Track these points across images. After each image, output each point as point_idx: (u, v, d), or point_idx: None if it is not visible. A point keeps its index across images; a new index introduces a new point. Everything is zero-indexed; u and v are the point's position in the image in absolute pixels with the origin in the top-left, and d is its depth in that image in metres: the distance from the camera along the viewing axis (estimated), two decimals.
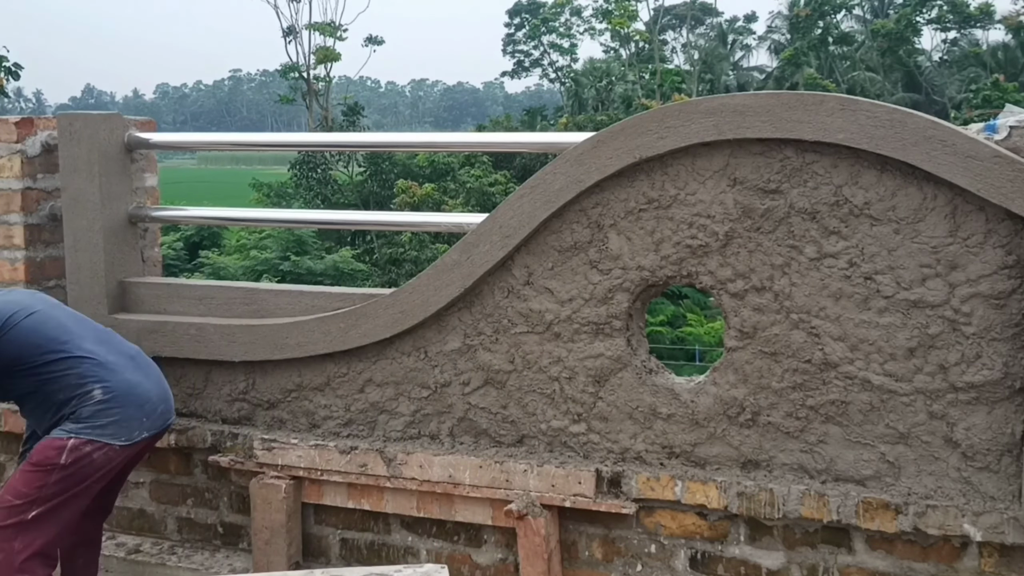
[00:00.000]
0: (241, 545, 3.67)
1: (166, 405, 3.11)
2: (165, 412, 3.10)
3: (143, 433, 3.00)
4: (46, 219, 3.85)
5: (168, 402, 3.13)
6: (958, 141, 2.65)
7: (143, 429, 2.99)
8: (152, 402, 3.03)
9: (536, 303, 3.18)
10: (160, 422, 3.07)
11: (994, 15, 44.08)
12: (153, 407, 3.03)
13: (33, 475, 2.83)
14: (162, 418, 3.08)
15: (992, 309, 2.72)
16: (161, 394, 3.10)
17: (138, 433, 2.98)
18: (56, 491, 2.85)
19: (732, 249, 2.95)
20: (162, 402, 3.09)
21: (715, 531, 3.04)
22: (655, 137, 2.93)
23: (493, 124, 41.60)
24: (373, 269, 21.08)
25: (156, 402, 3.05)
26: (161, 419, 3.07)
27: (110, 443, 2.91)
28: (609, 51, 50.19)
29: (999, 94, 30.57)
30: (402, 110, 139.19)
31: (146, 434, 3.01)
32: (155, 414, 3.04)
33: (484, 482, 3.19)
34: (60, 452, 2.83)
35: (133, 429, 2.96)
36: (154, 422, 3.04)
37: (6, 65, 16.38)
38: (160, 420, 3.07)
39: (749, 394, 2.97)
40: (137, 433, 2.98)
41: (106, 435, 2.90)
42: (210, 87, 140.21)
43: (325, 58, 35.39)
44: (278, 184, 29.67)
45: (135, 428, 2.97)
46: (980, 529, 2.71)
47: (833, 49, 45.72)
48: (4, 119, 3.80)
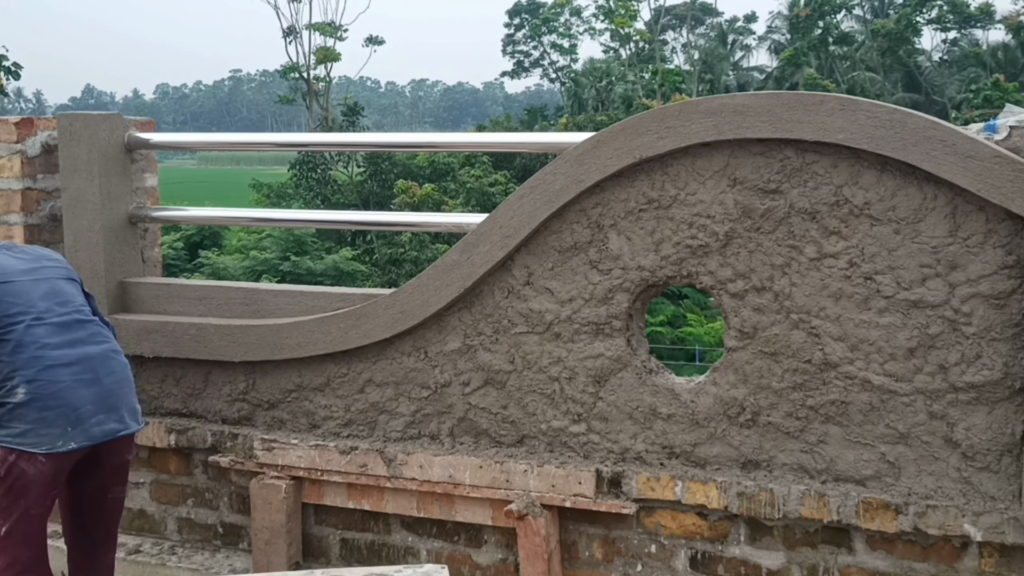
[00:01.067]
0: (241, 545, 3.67)
1: (107, 416, 2.82)
2: (104, 422, 2.80)
3: (68, 444, 2.73)
4: (46, 219, 3.86)
5: (116, 413, 2.85)
6: (958, 141, 2.65)
7: (67, 440, 2.72)
8: (82, 411, 2.76)
9: (536, 303, 3.18)
10: (96, 433, 2.78)
11: (994, 15, 44.09)
12: (82, 416, 2.75)
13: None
14: (98, 429, 2.79)
15: (992, 309, 2.72)
16: (103, 405, 2.81)
17: (62, 444, 2.71)
18: (9, 503, 2.70)
19: (732, 249, 2.94)
20: (102, 412, 2.80)
21: (715, 531, 3.04)
22: (655, 137, 2.93)
23: (493, 124, 41.61)
24: (373, 269, 21.08)
25: (89, 412, 2.77)
26: (97, 430, 2.78)
27: (31, 452, 2.69)
28: (609, 51, 50.19)
29: (1000, 94, 30.57)
30: (402, 110, 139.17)
31: (73, 445, 2.73)
32: (85, 423, 2.76)
33: (484, 482, 3.19)
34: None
35: (56, 439, 2.71)
36: (83, 432, 2.75)
37: (6, 65, 16.39)
38: (94, 432, 2.78)
39: (749, 394, 2.97)
40: (60, 443, 2.71)
41: (26, 444, 2.69)
42: (210, 87, 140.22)
43: (325, 58, 35.39)
44: (278, 184, 29.69)
45: (56, 438, 2.71)
46: (980, 529, 2.71)
47: (833, 49, 45.70)
48: (4, 119, 3.80)
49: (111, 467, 2.96)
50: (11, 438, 2.70)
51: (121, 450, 2.95)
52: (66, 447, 2.74)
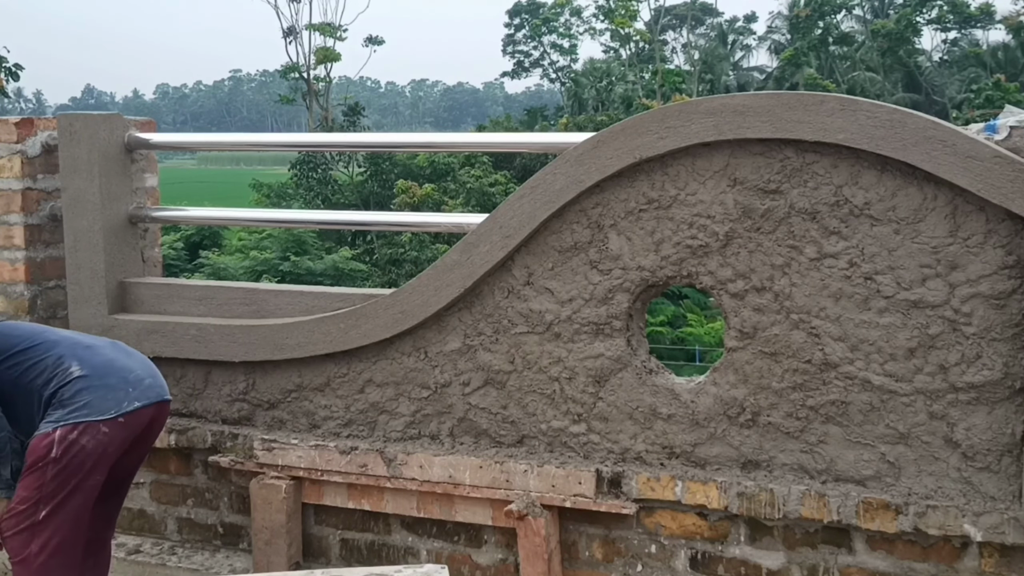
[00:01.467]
0: (241, 545, 3.67)
1: (154, 380, 3.00)
2: (154, 385, 2.98)
3: (133, 404, 2.88)
4: (46, 219, 3.86)
5: (157, 378, 3.02)
6: (958, 141, 2.65)
7: (131, 400, 2.88)
8: (135, 373, 2.94)
9: (536, 303, 3.18)
10: (152, 394, 2.95)
11: (994, 15, 44.12)
12: (138, 378, 2.93)
13: (30, 477, 2.82)
14: (152, 390, 2.96)
15: (992, 309, 2.72)
16: (147, 370, 3.00)
17: (127, 404, 2.87)
18: (57, 486, 2.81)
19: (732, 249, 2.95)
20: (149, 376, 2.98)
21: (715, 531, 3.04)
22: (655, 137, 2.93)
23: (493, 124, 41.62)
24: (373, 269, 21.09)
25: (141, 375, 2.95)
26: (152, 391, 2.96)
27: (97, 420, 2.81)
28: (609, 51, 50.23)
29: (1001, 94, 30.59)
30: (402, 110, 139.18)
31: (137, 404, 2.89)
32: (142, 384, 2.93)
33: (484, 482, 3.19)
34: (49, 447, 2.78)
35: (121, 400, 2.86)
36: (143, 392, 2.92)
37: (6, 66, 16.37)
38: (151, 392, 2.95)
39: (749, 394, 2.97)
40: (126, 404, 2.86)
41: (93, 413, 2.81)
42: (210, 87, 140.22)
43: (325, 58, 35.44)
44: (278, 184, 29.72)
45: (122, 399, 2.86)
46: (980, 529, 2.71)
47: (833, 49, 45.74)
48: (4, 119, 3.80)
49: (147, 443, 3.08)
50: (77, 412, 2.81)
51: (163, 418, 3.08)
52: (131, 407, 2.88)
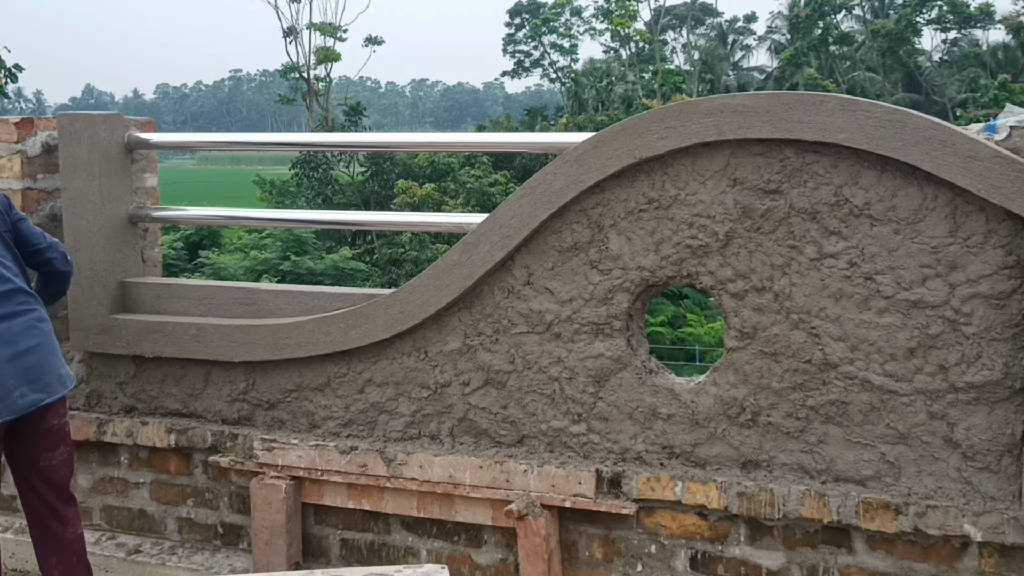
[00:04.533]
0: (241, 545, 3.67)
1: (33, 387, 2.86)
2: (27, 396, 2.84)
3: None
4: (46, 219, 3.85)
5: (39, 383, 2.88)
6: (958, 141, 2.65)
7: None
8: (6, 385, 2.80)
9: (536, 303, 3.18)
10: (21, 407, 2.83)
11: (994, 15, 44.13)
12: (7, 390, 2.80)
13: None
14: (25, 403, 2.83)
15: (992, 309, 2.72)
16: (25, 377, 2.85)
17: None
18: None
19: (732, 249, 2.95)
20: (25, 385, 2.84)
21: (715, 531, 3.04)
22: (655, 137, 2.93)
23: (493, 124, 41.64)
24: (373, 269, 21.09)
25: (12, 386, 2.81)
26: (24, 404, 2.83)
27: None
28: (609, 51, 50.24)
29: (1006, 94, 30.59)
30: (402, 110, 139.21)
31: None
32: (9, 398, 2.80)
33: (484, 482, 3.19)
34: None
35: None
36: (11, 407, 2.80)
37: (6, 66, 16.37)
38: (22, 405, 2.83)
39: (749, 394, 2.97)
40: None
41: None
42: (210, 87, 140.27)
43: (325, 58, 35.45)
44: (281, 182, 29.76)
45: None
46: (980, 529, 2.71)
47: (833, 49, 45.73)
48: (4, 119, 3.80)
49: (38, 432, 3.00)
50: None
51: (47, 416, 2.98)
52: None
